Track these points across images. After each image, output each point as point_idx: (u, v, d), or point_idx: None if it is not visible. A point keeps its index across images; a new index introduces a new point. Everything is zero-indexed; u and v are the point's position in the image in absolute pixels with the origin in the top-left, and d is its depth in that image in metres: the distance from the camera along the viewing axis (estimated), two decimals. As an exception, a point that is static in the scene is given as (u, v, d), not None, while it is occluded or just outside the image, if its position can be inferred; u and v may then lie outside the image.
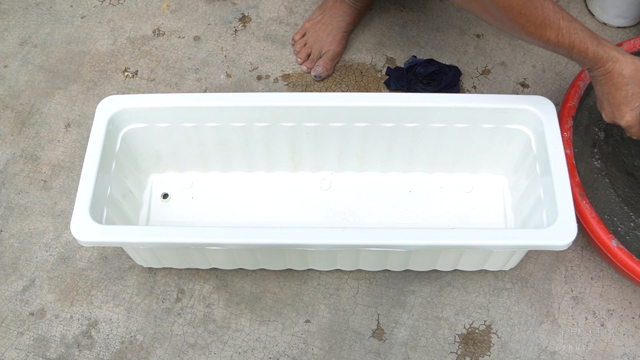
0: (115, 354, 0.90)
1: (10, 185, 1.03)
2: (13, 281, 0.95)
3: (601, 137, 0.94)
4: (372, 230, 0.79)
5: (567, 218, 0.78)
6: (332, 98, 0.88)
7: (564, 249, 0.80)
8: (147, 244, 0.81)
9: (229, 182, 1.01)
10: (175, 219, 0.98)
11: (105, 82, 1.13)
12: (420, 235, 0.79)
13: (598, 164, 0.92)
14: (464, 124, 0.90)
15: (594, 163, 0.93)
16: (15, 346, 0.91)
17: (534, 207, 0.87)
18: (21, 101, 1.11)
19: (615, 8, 1.15)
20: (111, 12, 1.21)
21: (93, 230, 0.78)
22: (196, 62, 1.15)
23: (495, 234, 0.80)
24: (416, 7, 1.21)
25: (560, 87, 1.12)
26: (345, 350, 0.90)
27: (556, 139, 0.84)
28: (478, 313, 0.93)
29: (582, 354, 0.90)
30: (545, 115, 0.86)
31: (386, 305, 0.93)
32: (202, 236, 0.79)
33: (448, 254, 0.88)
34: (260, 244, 0.78)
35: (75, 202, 0.80)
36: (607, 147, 0.93)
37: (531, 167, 0.89)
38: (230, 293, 0.94)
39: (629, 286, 0.95)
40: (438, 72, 1.11)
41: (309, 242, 0.78)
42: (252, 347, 0.91)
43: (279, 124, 0.90)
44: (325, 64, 1.12)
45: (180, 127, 0.91)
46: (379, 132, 0.92)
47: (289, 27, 1.19)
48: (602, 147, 0.93)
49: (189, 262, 0.93)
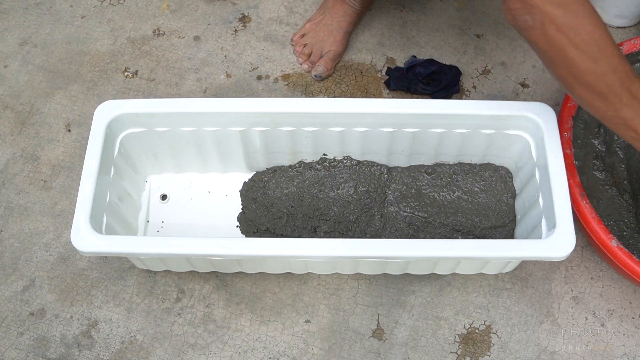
0: (115, 354, 0.90)
1: (10, 185, 1.03)
2: (13, 281, 0.95)
3: (602, 150, 0.94)
4: (372, 242, 0.80)
5: (566, 229, 0.78)
6: (332, 104, 0.88)
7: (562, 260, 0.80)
8: (148, 255, 0.81)
9: (228, 183, 1.01)
10: (174, 221, 0.98)
11: (105, 82, 1.13)
12: (419, 246, 0.79)
13: (602, 175, 0.92)
14: (464, 130, 0.90)
15: (596, 175, 0.92)
16: (15, 346, 0.91)
17: (532, 213, 0.88)
18: (21, 101, 1.11)
19: (615, 8, 1.15)
20: (111, 12, 1.21)
21: (93, 241, 0.78)
22: (196, 62, 1.15)
23: (493, 245, 0.79)
24: (416, 7, 1.21)
25: (560, 87, 1.12)
26: (345, 350, 0.90)
27: (556, 148, 0.84)
28: (478, 313, 0.93)
29: (582, 354, 0.90)
30: (546, 123, 0.85)
31: (386, 305, 0.93)
32: (203, 248, 0.79)
33: (446, 262, 0.89)
34: (261, 255, 0.79)
35: (75, 212, 0.80)
36: (610, 158, 0.93)
37: (530, 173, 0.89)
38: (230, 293, 0.94)
39: (629, 286, 0.95)
40: (438, 72, 1.11)
41: (309, 253, 0.78)
42: (252, 347, 0.91)
43: (278, 128, 0.90)
44: (326, 64, 1.12)
45: (179, 131, 0.91)
46: (378, 137, 0.92)
47: (289, 27, 1.19)
48: (604, 159, 0.93)
49: (188, 267, 0.93)
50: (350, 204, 0.95)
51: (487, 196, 0.96)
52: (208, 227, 0.97)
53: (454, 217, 0.95)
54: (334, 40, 1.13)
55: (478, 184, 0.97)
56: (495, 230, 0.95)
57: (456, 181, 0.97)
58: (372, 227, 0.95)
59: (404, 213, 0.96)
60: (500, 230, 0.95)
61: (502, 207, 0.95)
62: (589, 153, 0.93)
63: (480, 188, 0.96)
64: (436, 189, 0.97)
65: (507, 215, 0.95)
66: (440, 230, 0.95)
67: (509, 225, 0.95)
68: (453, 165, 0.97)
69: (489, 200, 0.96)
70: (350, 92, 1.12)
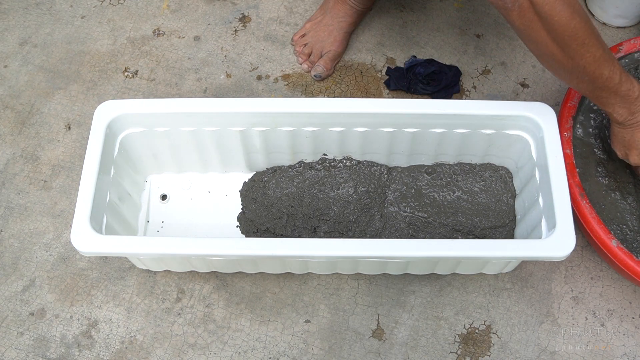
0: (115, 354, 0.90)
1: (10, 185, 1.03)
2: (13, 281, 0.95)
3: (604, 158, 0.94)
4: (372, 242, 0.80)
5: (566, 229, 0.78)
6: (332, 104, 0.88)
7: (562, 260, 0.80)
8: (148, 255, 0.81)
9: (228, 183, 1.01)
10: (174, 221, 0.98)
11: (105, 82, 1.13)
12: (419, 246, 0.79)
13: (605, 181, 0.92)
14: (464, 130, 0.90)
15: (600, 180, 0.92)
16: (15, 346, 0.91)
17: (532, 213, 0.88)
18: (21, 101, 1.11)
19: (615, 8, 1.15)
20: (111, 12, 1.21)
21: (94, 241, 0.78)
22: (196, 62, 1.15)
23: (493, 245, 0.79)
24: (416, 7, 1.21)
25: (560, 87, 1.12)
26: (345, 350, 0.90)
27: (556, 148, 0.84)
28: (478, 313, 0.93)
29: (582, 354, 0.90)
30: (546, 123, 0.85)
31: (386, 305, 0.93)
32: (203, 248, 0.79)
33: (446, 262, 0.89)
34: (261, 255, 0.79)
35: (75, 213, 0.80)
36: (612, 165, 0.93)
37: (530, 173, 0.89)
38: (230, 293, 0.94)
39: (629, 286, 0.95)
40: (438, 72, 1.11)
41: (309, 253, 0.78)
42: (252, 347, 0.91)
43: (278, 128, 0.90)
44: (326, 64, 1.12)
45: (179, 131, 0.91)
46: (378, 137, 0.92)
47: (289, 27, 1.19)
48: (606, 165, 0.93)
49: (188, 266, 0.93)
50: (350, 204, 0.95)
51: (487, 196, 0.96)
52: (208, 227, 0.97)
53: (454, 217, 0.95)
54: (334, 41, 1.13)
55: (478, 184, 0.97)
56: (495, 230, 0.95)
57: (456, 181, 0.97)
58: (372, 227, 0.95)
59: (404, 213, 0.96)
60: (500, 230, 0.95)
61: (502, 207, 0.95)
62: (591, 161, 0.93)
63: (480, 188, 0.96)
64: (436, 189, 0.97)
65: (507, 215, 0.95)
66: (440, 230, 0.95)
67: (509, 225, 0.95)
68: (453, 165, 0.97)
69: (489, 200, 0.96)
70: (350, 92, 1.12)
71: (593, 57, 0.72)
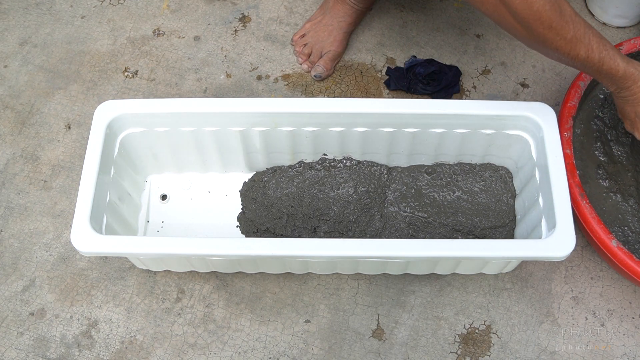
0: (115, 354, 0.90)
1: (10, 185, 1.03)
2: (13, 281, 0.95)
3: (604, 160, 0.94)
4: (372, 242, 0.79)
5: (566, 229, 0.78)
6: (332, 104, 0.88)
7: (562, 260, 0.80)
8: (148, 255, 0.81)
9: (228, 183, 1.01)
10: (174, 221, 0.98)
11: (105, 82, 1.13)
12: (419, 246, 0.79)
13: (606, 184, 0.92)
14: (464, 130, 0.90)
15: (601, 183, 0.92)
16: (15, 346, 0.91)
17: (532, 213, 0.88)
18: (21, 101, 1.11)
19: (615, 8, 1.15)
20: (111, 12, 1.21)
21: (93, 241, 0.78)
22: (196, 62, 1.15)
23: (493, 245, 0.79)
24: (416, 7, 1.21)
25: (560, 87, 1.12)
26: (345, 350, 0.90)
27: (556, 148, 0.84)
28: (478, 313, 0.93)
29: (582, 354, 0.90)
30: (546, 123, 0.85)
31: (386, 305, 0.93)
32: (203, 248, 0.79)
33: (446, 262, 0.89)
34: (261, 255, 0.79)
35: (75, 213, 0.80)
36: (613, 167, 0.93)
37: (530, 173, 0.89)
38: (230, 293, 0.94)
39: (629, 286, 0.95)
40: (438, 72, 1.11)
41: (309, 253, 0.78)
42: (252, 347, 0.91)
43: (278, 128, 0.90)
44: (326, 64, 1.12)
45: (179, 131, 0.91)
46: (378, 137, 0.92)
47: (289, 27, 1.19)
48: (606, 167, 0.93)
49: (188, 266, 0.93)
50: (350, 204, 0.95)
51: (487, 196, 0.96)
52: (208, 227, 0.97)
53: (454, 217, 0.95)
54: (334, 41, 1.13)
55: (478, 184, 0.97)
56: (495, 230, 0.95)
57: (456, 181, 0.97)
58: (372, 227, 0.95)
59: (404, 213, 0.96)
60: (500, 230, 0.95)
61: (502, 207, 0.95)
62: (591, 164, 0.93)
63: (480, 188, 0.97)
64: (436, 189, 0.97)
65: (507, 215, 0.95)
66: (440, 230, 0.95)
67: (509, 225, 0.95)
68: (453, 165, 0.97)
69: (489, 200, 0.96)
70: (350, 92, 1.12)
71: (564, 40, 0.71)
